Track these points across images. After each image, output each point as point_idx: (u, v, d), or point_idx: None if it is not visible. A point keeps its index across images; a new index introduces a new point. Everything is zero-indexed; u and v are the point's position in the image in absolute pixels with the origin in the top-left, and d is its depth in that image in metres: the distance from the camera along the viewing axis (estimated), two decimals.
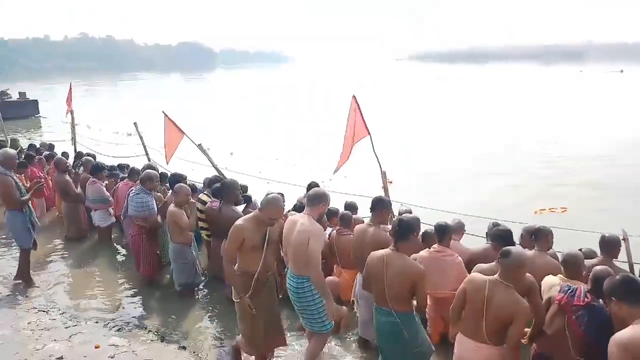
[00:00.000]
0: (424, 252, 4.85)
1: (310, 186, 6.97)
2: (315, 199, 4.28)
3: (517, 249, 3.60)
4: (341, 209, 6.05)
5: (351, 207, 6.14)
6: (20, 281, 6.61)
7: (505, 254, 3.44)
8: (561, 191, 13.00)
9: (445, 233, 4.80)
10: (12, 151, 6.74)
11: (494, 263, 3.82)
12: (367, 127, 6.17)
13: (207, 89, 56.12)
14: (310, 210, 4.25)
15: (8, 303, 6.06)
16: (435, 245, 4.83)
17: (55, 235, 8.60)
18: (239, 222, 4.15)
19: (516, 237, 4.86)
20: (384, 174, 6.33)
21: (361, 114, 6.17)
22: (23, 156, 9.96)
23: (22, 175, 8.64)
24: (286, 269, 4.45)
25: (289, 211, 6.45)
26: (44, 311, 5.80)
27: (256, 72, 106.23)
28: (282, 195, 6.98)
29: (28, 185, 7.44)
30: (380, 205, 4.59)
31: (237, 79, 79.01)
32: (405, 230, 3.82)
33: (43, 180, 8.45)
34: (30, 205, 6.56)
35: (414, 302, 3.90)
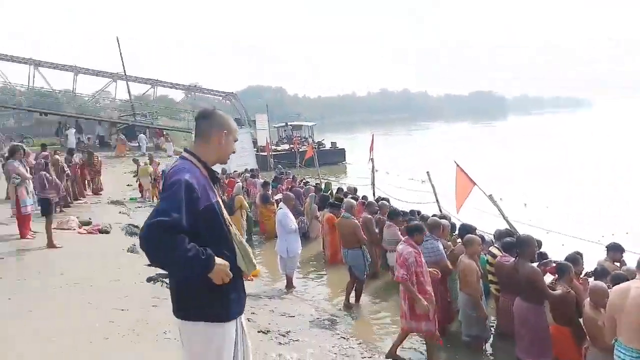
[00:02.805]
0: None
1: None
2: None
3: None
4: None
5: None
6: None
7: None
8: None
9: None
10: (353, 202, 8.56)
11: None
12: None
13: (498, 137, 55.17)
14: None
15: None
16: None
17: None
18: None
19: None
20: None
21: None
22: (333, 199, 11.52)
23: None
24: None
25: (586, 275, 5.93)
26: (344, 337, 6.52)
27: (550, 118, 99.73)
28: (580, 255, 6.46)
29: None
30: None
31: (530, 126, 75.58)
32: None
33: None
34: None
35: None
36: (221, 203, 2.80)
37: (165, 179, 2.73)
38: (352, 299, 7.98)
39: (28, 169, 9.25)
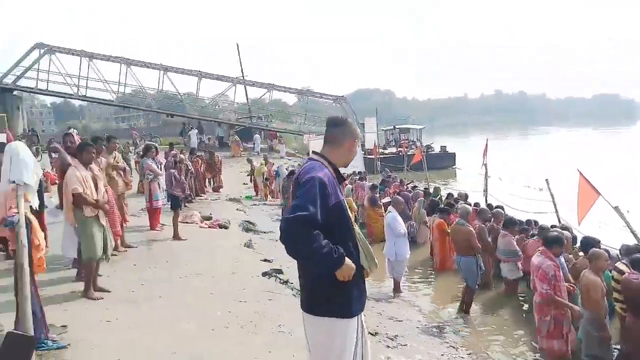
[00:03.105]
0: None
1: None
2: None
3: None
4: None
5: None
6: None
7: None
8: None
9: None
10: (469, 208, 8.59)
11: None
12: None
13: (625, 144, 50.73)
14: None
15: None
16: None
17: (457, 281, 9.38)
18: None
19: None
20: None
21: None
22: (444, 204, 11.35)
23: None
24: None
25: None
26: (453, 346, 6.44)
27: None
28: None
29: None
30: None
31: None
32: None
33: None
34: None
35: None
36: (346, 202, 2.96)
37: (297, 177, 2.95)
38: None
39: (160, 165, 10.14)
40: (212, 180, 17.78)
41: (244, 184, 20.65)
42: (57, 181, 9.42)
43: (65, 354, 4.35)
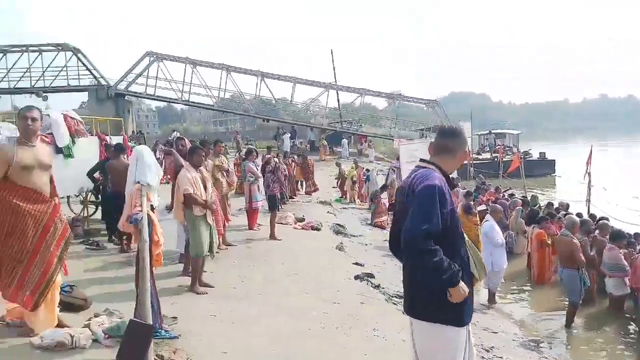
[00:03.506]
0: None
1: None
2: None
3: None
4: None
5: None
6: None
7: None
8: None
9: None
10: (576, 219, 8.24)
11: None
12: None
13: None
14: None
15: None
16: None
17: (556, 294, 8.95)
18: None
19: None
20: None
21: None
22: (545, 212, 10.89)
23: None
24: None
25: None
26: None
27: None
28: None
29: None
30: None
31: None
32: None
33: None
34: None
35: None
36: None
37: (410, 185, 3.00)
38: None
39: (258, 168, 10.57)
40: (304, 183, 18.21)
41: (333, 187, 20.92)
42: (162, 181, 10.11)
43: (177, 344, 4.69)
